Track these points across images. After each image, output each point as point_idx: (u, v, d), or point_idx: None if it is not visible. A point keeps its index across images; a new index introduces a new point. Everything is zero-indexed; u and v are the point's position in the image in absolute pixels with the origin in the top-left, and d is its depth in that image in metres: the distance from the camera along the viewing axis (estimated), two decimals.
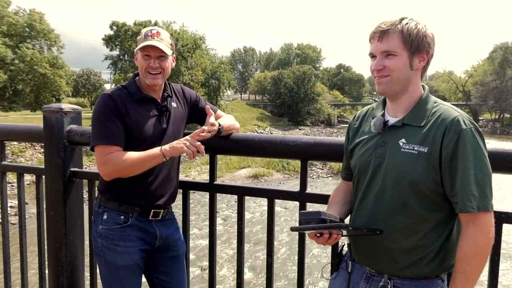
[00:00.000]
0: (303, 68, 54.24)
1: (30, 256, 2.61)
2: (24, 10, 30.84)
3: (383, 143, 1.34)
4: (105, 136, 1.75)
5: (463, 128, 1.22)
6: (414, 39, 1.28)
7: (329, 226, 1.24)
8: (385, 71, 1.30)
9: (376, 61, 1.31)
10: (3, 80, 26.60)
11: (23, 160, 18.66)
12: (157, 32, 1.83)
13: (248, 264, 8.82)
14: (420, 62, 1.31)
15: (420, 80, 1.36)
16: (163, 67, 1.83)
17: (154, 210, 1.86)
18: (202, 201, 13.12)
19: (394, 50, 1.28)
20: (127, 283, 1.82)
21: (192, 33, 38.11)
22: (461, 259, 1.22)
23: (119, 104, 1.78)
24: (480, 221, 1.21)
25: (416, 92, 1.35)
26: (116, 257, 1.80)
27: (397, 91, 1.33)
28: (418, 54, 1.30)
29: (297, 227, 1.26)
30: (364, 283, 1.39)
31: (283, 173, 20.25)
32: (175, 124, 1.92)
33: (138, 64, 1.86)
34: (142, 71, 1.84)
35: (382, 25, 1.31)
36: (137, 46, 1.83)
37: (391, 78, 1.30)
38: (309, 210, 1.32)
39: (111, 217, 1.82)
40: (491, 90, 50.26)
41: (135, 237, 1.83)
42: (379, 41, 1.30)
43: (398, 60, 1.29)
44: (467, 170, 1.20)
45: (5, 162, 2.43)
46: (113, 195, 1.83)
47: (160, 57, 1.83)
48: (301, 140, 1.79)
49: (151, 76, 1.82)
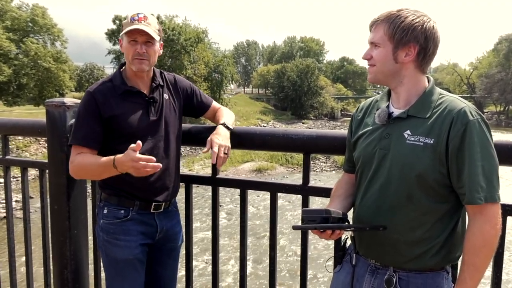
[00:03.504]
0: (306, 61, 53.98)
1: (35, 250, 2.63)
2: (27, 5, 30.83)
3: (388, 134, 1.33)
4: (78, 137, 1.74)
5: (470, 119, 1.21)
6: (398, 31, 1.26)
7: (330, 226, 1.24)
8: (371, 61, 1.33)
9: (366, 50, 1.34)
10: (8, 74, 26.63)
11: (28, 154, 18.76)
12: (144, 16, 1.74)
13: (251, 257, 8.86)
14: (407, 55, 1.28)
15: (422, 72, 1.33)
16: (149, 53, 1.76)
17: (155, 203, 1.85)
18: (206, 195, 13.16)
19: (378, 41, 1.30)
20: (128, 277, 1.82)
21: (195, 27, 37.97)
22: (469, 251, 1.22)
23: (100, 101, 1.74)
24: (487, 212, 1.20)
25: (416, 84, 1.33)
26: (116, 251, 1.81)
27: (384, 81, 1.35)
28: (403, 47, 1.27)
29: (299, 226, 1.26)
30: (369, 276, 1.39)
31: (287, 167, 20.25)
32: (168, 116, 1.86)
33: (124, 50, 1.79)
34: (128, 58, 1.77)
35: (378, 16, 1.32)
36: (123, 30, 1.76)
37: (375, 69, 1.32)
38: (311, 207, 1.32)
39: (111, 211, 1.81)
40: (496, 82, 49.84)
41: (136, 231, 1.82)
42: (371, 31, 1.33)
43: (381, 52, 1.30)
44: (474, 162, 1.19)
45: (9, 157, 2.44)
46: (112, 190, 1.82)
47: (147, 43, 1.75)
48: (303, 133, 1.78)
49: (138, 61, 1.75)
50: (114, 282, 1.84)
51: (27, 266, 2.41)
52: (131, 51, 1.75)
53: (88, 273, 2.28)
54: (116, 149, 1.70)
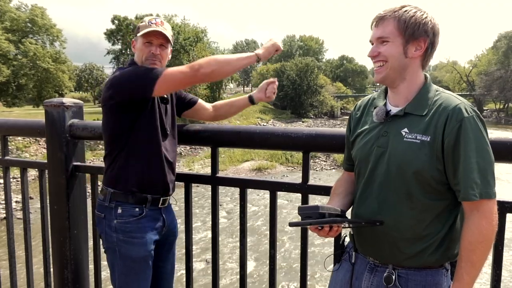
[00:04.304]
0: (306, 60, 53.94)
1: (35, 250, 2.63)
2: (25, 6, 30.80)
3: (386, 132, 1.33)
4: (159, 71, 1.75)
5: (465, 116, 1.21)
6: (409, 25, 1.26)
7: (325, 221, 1.23)
8: (380, 57, 1.30)
9: (372, 47, 1.32)
10: (6, 75, 26.62)
11: (28, 155, 18.75)
12: (161, 21, 1.85)
13: (251, 256, 8.87)
14: (417, 50, 1.29)
15: (422, 69, 1.34)
16: (162, 55, 1.85)
17: (163, 197, 1.88)
18: (206, 195, 13.16)
19: (387, 36, 1.28)
20: (143, 275, 1.83)
21: (194, 26, 37.93)
22: (466, 247, 1.22)
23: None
24: (484, 209, 1.20)
25: (416, 81, 1.33)
26: (132, 249, 1.81)
27: (393, 79, 1.32)
28: (413, 41, 1.28)
29: (295, 223, 1.26)
30: (368, 274, 1.39)
31: (287, 166, 20.25)
32: (173, 114, 1.95)
33: (137, 50, 1.85)
34: (141, 59, 1.83)
35: (381, 12, 1.31)
36: (139, 32, 1.82)
37: (387, 65, 1.30)
38: (307, 205, 1.32)
39: (126, 210, 1.81)
40: (495, 80, 49.84)
41: (150, 228, 1.84)
42: (376, 27, 1.32)
43: (391, 47, 1.28)
44: (469, 158, 1.19)
45: (8, 157, 2.44)
46: (126, 186, 1.81)
47: (161, 46, 1.85)
48: (303, 131, 1.78)
49: (151, 63, 1.82)
50: (129, 280, 1.82)
51: (27, 267, 2.41)
52: (145, 52, 1.82)
53: (88, 273, 2.29)
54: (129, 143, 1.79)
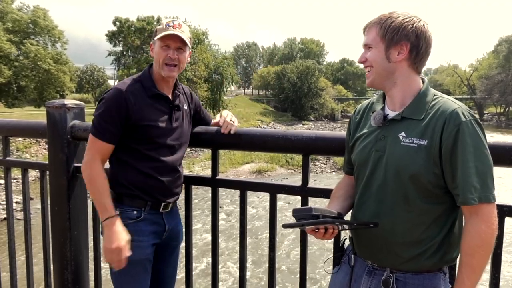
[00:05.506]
0: (307, 62, 54.03)
1: (35, 251, 2.64)
2: (27, 7, 30.90)
3: (383, 136, 1.34)
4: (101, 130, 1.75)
5: (462, 120, 1.22)
6: (389, 31, 1.30)
7: (316, 222, 1.24)
8: (367, 63, 1.36)
9: (361, 54, 1.38)
10: (8, 76, 26.69)
11: (28, 156, 18.75)
12: (179, 24, 1.80)
13: (251, 258, 8.86)
14: (399, 54, 1.30)
15: (417, 73, 1.35)
16: (180, 59, 1.81)
17: (164, 203, 1.87)
18: (206, 197, 13.16)
19: (371, 43, 1.33)
20: (138, 278, 1.82)
21: (195, 28, 37.99)
22: (466, 252, 1.22)
23: (131, 103, 1.74)
24: (483, 213, 1.21)
25: (410, 85, 1.34)
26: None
27: (381, 83, 1.36)
28: (394, 46, 1.30)
29: (288, 224, 1.27)
30: (367, 277, 1.40)
31: (287, 168, 20.23)
32: (185, 124, 1.92)
33: (155, 54, 1.82)
34: (158, 62, 1.80)
35: (370, 20, 1.35)
36: (157, 35, 1.79)
37: (373, 71, 1.35)
38: (302, 207, 1.33)
39: (123, 212, 1.80)
40: (496, 84, 49.83)
41: (147, 231, 1.83)
42: (364, 35, 1.37)
43: (374, 52, 1.33)
44: (467, 162, 1.20)
45: (9, 158, 2.45)
46: (126, 190, 1.82)
47: (179, 49, 1.81)
48: (303, 134, 1.79)
49: (168, 68, 1.79)
50: (124, 283, 1.82)
51: (28, 267, 2.42)
52: (162, 56, 1.79)
53: (88, 274, 2.29)
54: (133, 148, 1.79)
